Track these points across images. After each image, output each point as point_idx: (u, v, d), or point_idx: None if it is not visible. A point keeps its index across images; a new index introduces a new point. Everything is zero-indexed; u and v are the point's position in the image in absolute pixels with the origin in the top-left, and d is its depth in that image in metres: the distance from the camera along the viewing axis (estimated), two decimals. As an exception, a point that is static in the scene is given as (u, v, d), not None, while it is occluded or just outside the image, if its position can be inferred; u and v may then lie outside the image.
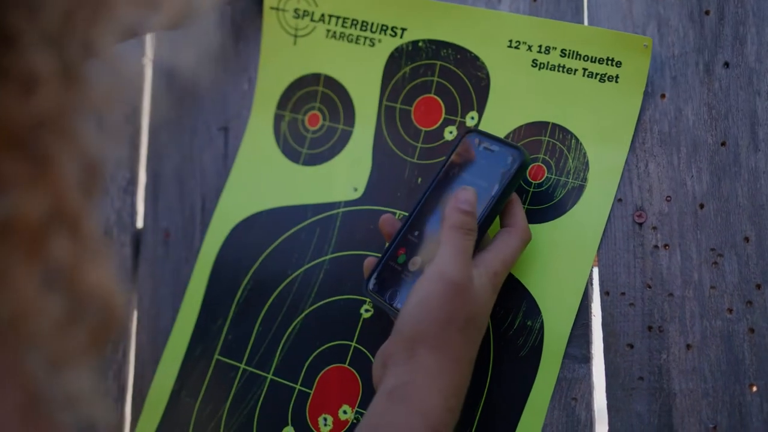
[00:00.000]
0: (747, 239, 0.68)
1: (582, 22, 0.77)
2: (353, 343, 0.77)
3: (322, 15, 0.85)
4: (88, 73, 0.38)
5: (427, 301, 0.63)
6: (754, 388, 0.66)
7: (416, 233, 0.71)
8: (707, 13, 0.73)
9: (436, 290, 0.63)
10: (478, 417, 0.71)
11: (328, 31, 0.85)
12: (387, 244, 0.72)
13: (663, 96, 0.73)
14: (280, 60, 0.86)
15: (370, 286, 0.72)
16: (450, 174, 0.72)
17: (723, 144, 0.70)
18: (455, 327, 0.63)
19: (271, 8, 0.86)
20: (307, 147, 0.84)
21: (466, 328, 0.64)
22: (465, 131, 0.73)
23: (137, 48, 0.86)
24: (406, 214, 0.77)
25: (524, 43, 0.77)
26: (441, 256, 0.65)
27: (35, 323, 0.37)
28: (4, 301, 0.36)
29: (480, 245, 0.68)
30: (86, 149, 0.38)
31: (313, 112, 0.85)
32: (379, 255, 0.72)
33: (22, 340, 0.37)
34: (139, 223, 0.91)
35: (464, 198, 0.67)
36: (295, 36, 0.86)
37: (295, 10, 0.86)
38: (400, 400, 0.61)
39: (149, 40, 0.87)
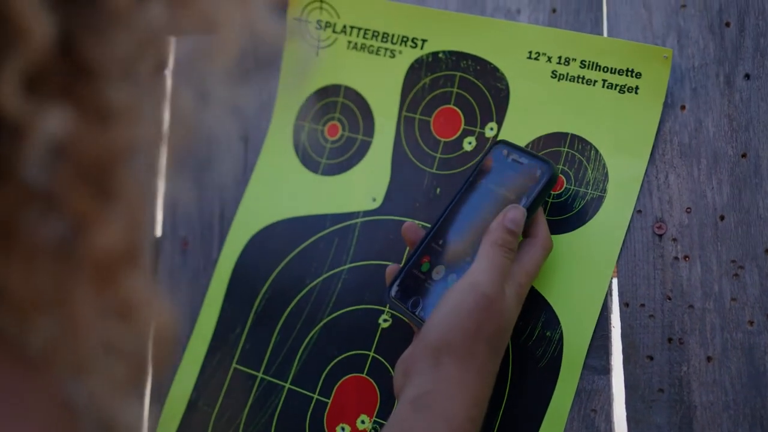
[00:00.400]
0: (768, 251, 0.68)
1: (601, 34, 0.77)
2: (371, 353, 0.77)
3: (344, 26, 0.85)
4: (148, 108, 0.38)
5: (457, 311, 0.64)
6: (776, 401, 0.65)
7: (441, 242, 0.71)
8: (728, 24, 0.73)
9: (467, 301, 0.64)
10: (496, 427, 0.71)
11: (350, 42, 0.85)
12: (410, 252, 0.72)
13: (683, 107, 0.73)
14: (302, 71, 0.87)
15: (393, 293, 0.72)
16: (477, 184, 0.72)
17: (743, 156, 0.70)
18: (483, 339, 0.63)
19: (294, 19, 0.87)
20: (326, 157, 0.84)
21: (492, 341, 0.64)
22: (494, 142, 0.73)
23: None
24: (425, 223, 0.78)
25: (544, 54, 0.78)
26: (477, 269, 0.65)
27: (83, 347, 0.37)
28: (51, 323, 0.36)
29: None
30: (148, 186, 0.39)
31: (333, 123, 0.85)
32: (400, 264, 0.72)
33: (66, 364, 0.37)
34: (158, 232, 0.91)
35: (512, 217, 0.67)
36: (317, 47, 0.86)
37: (318, 22, 0.86)
38: (424, 407, 0.61)
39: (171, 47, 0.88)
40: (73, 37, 0.34)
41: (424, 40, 0.82)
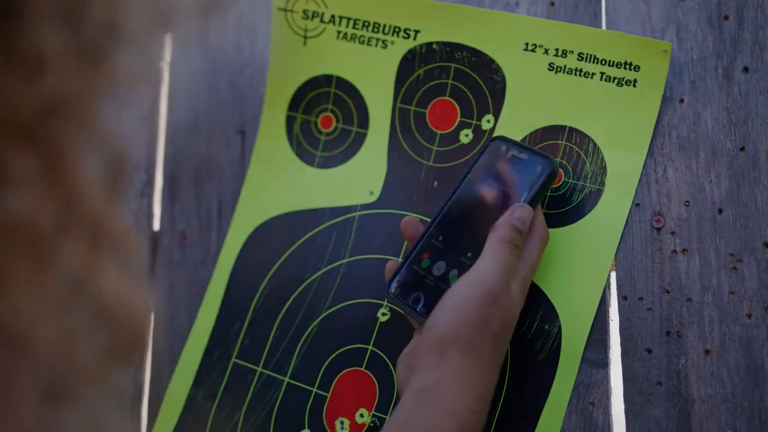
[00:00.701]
0: (766, 244, 0.68)
1: (600, 27, 0.77)
2: (370, 347, 0.77)
3: (332, 16, 0.85)
4: (109, 53, 0.34)
5: (463, 305, 0.64)
6: (773, 394, 0.66)
7: (440, 238, 0.71)
8: (726, 17, 0.73)
9: (474, 296, 0.64)
10: (495, 420, 0.71)
11: (339, 32, 0.84)
12: (409, 247, 0.72)
13: (681, 101, 0.73)
14: (290, 61, 0.86)
15: (392, 289, 0.72)
16: (475, 179, 0.72)
17: (742, 149, 0.70)
18: (489, 333, 0.64)
19: (279, 9, 0.86)
20: (321, 150, 0.84)
21: (498, 335, 0.64)
22: (491, 138, 0.73)
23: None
24: (423, 217, 0.77)
25: (541, 46, 0.77)
26: (483, 264, 0.65)
27: (41, 337, 0.33)
28: (6, 313, 0.32)
29: None
30: (107, 140, 0.35)
31: (326, 114, 0.84)
32: (398, 258, 0.72)
33: (28, 355, 0.34)
34: (156, 226, 0.91)
35: (520, 215, 0.68)
36: (305, 37, 0.86)
37: (304, 12, 0.85)
38: (430, 400, 0.61)
39: (167, 42, 0.87)
40: None
41: (416, 31, 0.82)
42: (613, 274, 0.72)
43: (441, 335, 0.63)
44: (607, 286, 0.72)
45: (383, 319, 0.77)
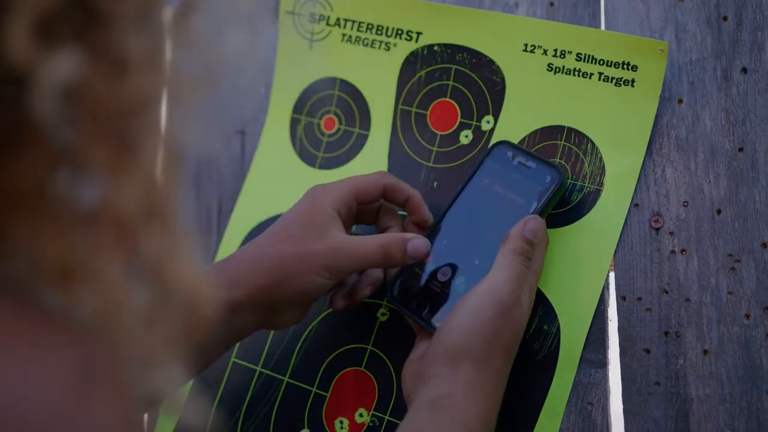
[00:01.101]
0: (765, 245, 0.68)
1: (599, 27, 0.77)
2: (369, 347, 0.77)
3: (338, 19, 0.85)
4: (175, 57, 0.37)
5: (477, 317, 0.64)
6: (772, 394, 0.66)
7: (444, 242, 0.72)
8: (725, 18, 0.73)
9: (487, 308, 0.64)
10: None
11: (344, 35, 0.85)
12: None
13: (680, 101, 0.73)
14: (297, 64, 0.87)
15: (395, 292, 0.72)
16: (480, 184, 0.72)
17: (740, 150, 0.70)
18: (501, 345, 0.64)
19: (287, 12, 0.87)
20: (323, 151, 0.84)
21: (509, 347, 0.65)
22: (495, 143, 0.73)
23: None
24: None
25: (539, 47, 0.77)
26: (496, 276, 0.66)
27: (121, 317, 0.36)
28: (90, 293, 0.35)
29: None
30: (171, 138, 0.37)
31: (329, 116, 0.85)
32: None
33: (109, 334, 0.36)
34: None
35: (532, 227, 0.68)
36: (311, 40, 0.86)
37: (311, 15, 0.86)
38: (443, 411, 0.61)
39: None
40: None
41: (419, 33, 0.82)
42: (612, 275, 0.72)
43: (454, 345, 0.64)
44: (606, 287, 0.72)
45: (383, 318, 0.77)
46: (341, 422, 0.76)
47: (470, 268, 0.71)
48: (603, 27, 0.77)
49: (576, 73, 0.76)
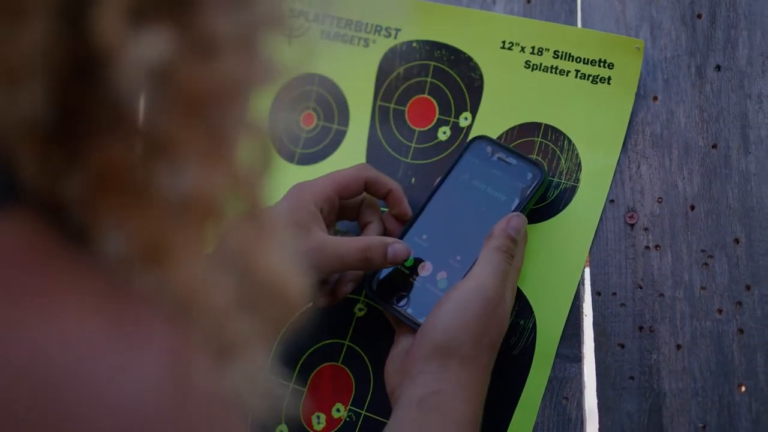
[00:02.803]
0: (737, 241, 0.69)
1: (575, 24, 0.78)
2: (346, 342, 0.77)
3: (317, 15, 0.85)
4: (264, 44, 0.36)
5: (464, 313, 0.65)
6: (743, 388, 0.66)
7: (424, 236, 0.72)
8: (699, 16, 0.73)
9: (474, 304, 0.65)
10: (470, 415, 0.72)
11: (323, 31, 0.85)
12: None
13: (655, 98, 0.74)
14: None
15: (374, 286, 0.72)
16: (460, 179, 0.73)
17: (714, 146, 0.71)
18: (488, 341, 0.65)
19: (266, 8, 0.87)
20: (301, 146, 0.85)
21: (495, 342, 0.66)
22: (473, 137, 0.74)
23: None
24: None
25: (517, 44, 0.78)
26: (481, 272, 0.66)
27: (206, 303, 0.35)
28: (175, 278, 0.34)
29: None
30: (260, 126, 0.37)
31: (308, 112, 0.85)
32: None
33: (195, 319, 0.35)
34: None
35: (515, 225, 0.69)
36: (289, 35, 0.86)
37: (290, 10, 0.86)
38: (433, 409, 0.62)
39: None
40: None
41: (397, 30, 0.82)
42: (587, 270, 0.73)
43: (441, 342, 0.64)
44: (581, 282, 0.72)
45: (360, 314, 0.78)
46: (318, 417, 0.76)
47: (451, 263, 0.71)
48: (579, 24, 0.78)
49: (553, 70, 0.77)
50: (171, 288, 0.35)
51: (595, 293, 0.72)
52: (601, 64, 0.75)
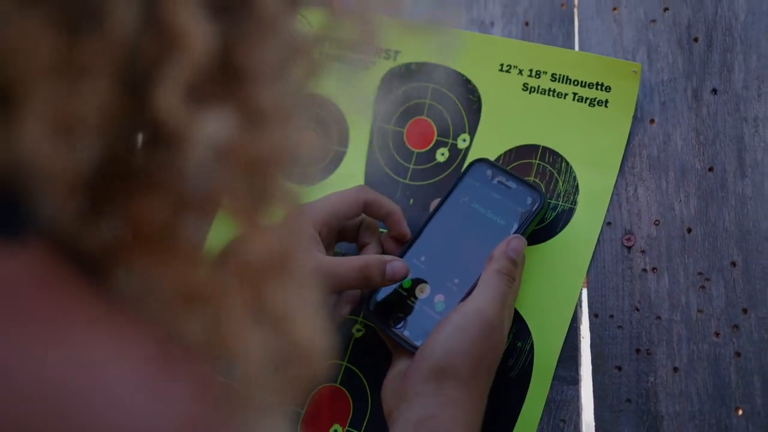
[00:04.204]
0: (734, 264, 0.69)
1: (573, 47, 0.78)
2: (344, 363, 0.77)
3: (319, 38, 0.86)
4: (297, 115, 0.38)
5: (462, 336, 0.65)
6: (740, 412, 0.66)
7: (423, 258, 0.72)
8: (696, 40, 0.74)
9: (473, 327, 0.65)
10: (467, 437, 0.72)
11: (323, 53, 0.85)
12: None
13: (652, 121, 0.74)
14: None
15: (371, 307, 0.72)
16: (459, 202, 0.73)
17: (710, 169, 0.71)
18: (485, 364, 0.65)
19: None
20: (299, 167, 0.85)
21: (492, 365, 0.66)
22: (474, 160, 0.74)
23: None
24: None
25: (515, 67, 0.78)
26: (481, 296, 0.67)
27: (241, 354, 0.37)
28: (208, 322, 0.36)
29: None
30: (295, 192, 0.39)
31: (308, 132, 0.85)
32: None
33: (219, 368, 0.37)
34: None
35: (515, 247, 0.69)
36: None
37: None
38: None
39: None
40: (229, 44, 0.34)
41: (397, 52, 0.83)
42: (585, 292, 0.73)
43: (439, 364, 0.64)
44: (579, 304, 0.72)
45: (358, 335, 0.78)
46: (315, 438, 0.76)
47: (449, 287, 0.71)
48: (577, 47, 0.78)
49: (551, 93, 0.77)
50: (206, 332, 0.36)
51: (593, 315, 0.72)
52: (599, 87, 0.75)
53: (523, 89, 0.78)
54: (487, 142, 0.78)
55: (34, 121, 0.31)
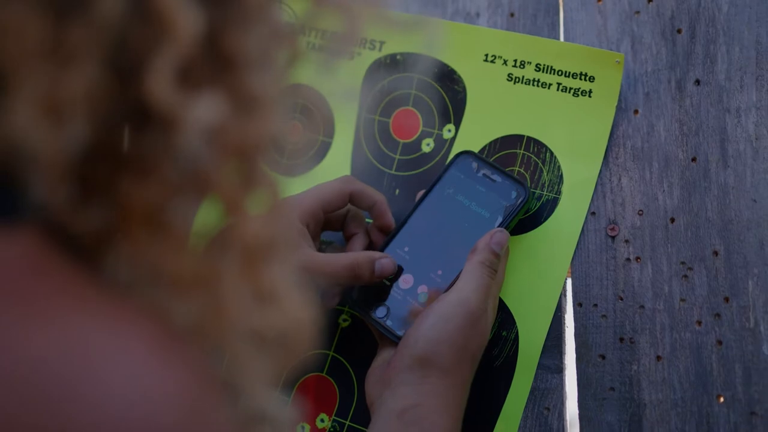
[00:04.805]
0: (716, 253, 0.69)
1: (558, 38, 0.79)
2: (331, 352, 0.78)
3: (302, 27, 0.86)
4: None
5: (445, 326, 0.65)
6: (722, 399, 0.67)
7: (406, 249, 0.73)
8: (679, 31, 0.74)
9: (457, 317, 0.65)
10: (452, 426, 0.72)
11: (308, 43, 0.85)
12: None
13: (636, 112, 0.74)
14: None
15: (354, 296, 0.72)
16: (444, 194, 0.73)
17: (693, 160, 0.72)
18: (468, 353, 0.66)
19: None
20: (286, 158, 0.85)
21: (475, 355, 0.67)
22: (459, 152, 0.74)
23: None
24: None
25: (500, 57, 0.79)
26: (465, 286, 0.67)
27: (232, 332, 0.38)
28: (203, 302, 0.37)
29: None
30: (277, 179, 0.40)
31: (293, 123, 0.85)
32: None
33: (210, 348, 0.38)
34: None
35: (498, 240, 0.70)
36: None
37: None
38: (414, 422, 0.62)
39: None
40: (216, 29, 0.35)
41: (382, 42, 0.83)
42: (569, 282, 0.73)
43: (422, 354, 0.65)
44: (563, 293, 0.73)
45: (344, 324, 0.78)
46: (303, 428, 0.76)
47: (432, 278, 0.72)
48: (562, 38, 0.79)
49: (535, 83, 0.77)
50: (191, 310, 0.37)
51: (577, 304, 0.73)
52: (583, 78, 0.75)
53: (507, 79, 0.78)
54: (472, 133, 0.79)
55: (24, 105, 0.32)
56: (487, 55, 0.79)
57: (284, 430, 0.41)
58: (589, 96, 0.75)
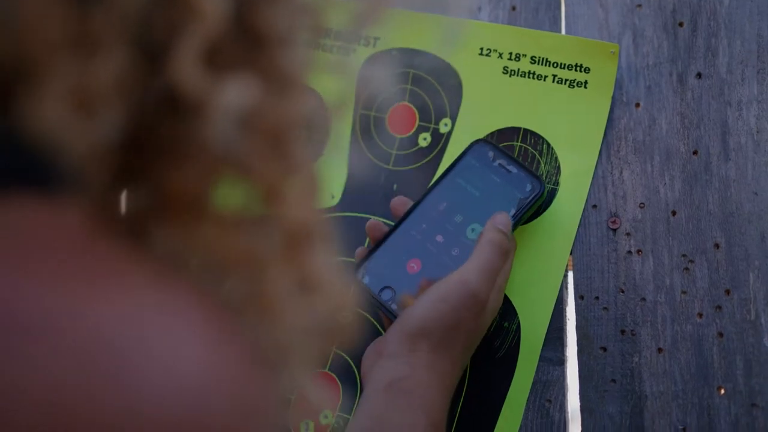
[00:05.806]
0: (717, 246, 0.70)
1: (559, 32, 0.79)
2: (333, 348, 0.77)
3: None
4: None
5: (441, 302, 0.65)
6: (722, 391, 0.68)
7: (413, 233, 0.72)
8: (681, 24, 0.75)
9: (453, 296, 0.65)
10: (456, 418, 0.72)
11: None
12: (383, 236, 0.73)
13: (638, 105, 0.75)
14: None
15: (360, 276, 0.72)
16: (457, 180, 0.73)
17: (695, 153, 0.72)
18: (461, 333, 0.65)
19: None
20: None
21: (470, 336, 0.66)
22: (476, 140, 0.74)
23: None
24: (386, 220, 0.78)
25: (495, 50, 0.79)
26: (467, 267, 0.66)
27: (281, 319, 0.37)
28: (248, 282, 0.36)
29: None
30: (310, 159, 0.39)
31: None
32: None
33: (257, 327, 0.37)
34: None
35: (501, 220, 0.69)
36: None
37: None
38: (401, 394, 0.62)
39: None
40: (243, 8, 0.34)
41: (376, 38, 0.82)
42: (571, 274, 0.74)
43: (414, 327, 0.65)
44: (565, 286, 0.73)
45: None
46: (307, 424, 0.76)
47: (442, 261, 0.71)
48: (563, 31, 0.79)
49: (531, 75, 0.77)
50: (245, 296, 0.36)
51: (578, 297, 0.73)
52: (578, 69, 0.76)
53: (503, 72, 0.78)
54: (469, 126, 0.79)
55: (54, 99, 0.31)
56: (482, 49, 0.79)
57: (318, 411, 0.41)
58: (585, 87, 0.75)
